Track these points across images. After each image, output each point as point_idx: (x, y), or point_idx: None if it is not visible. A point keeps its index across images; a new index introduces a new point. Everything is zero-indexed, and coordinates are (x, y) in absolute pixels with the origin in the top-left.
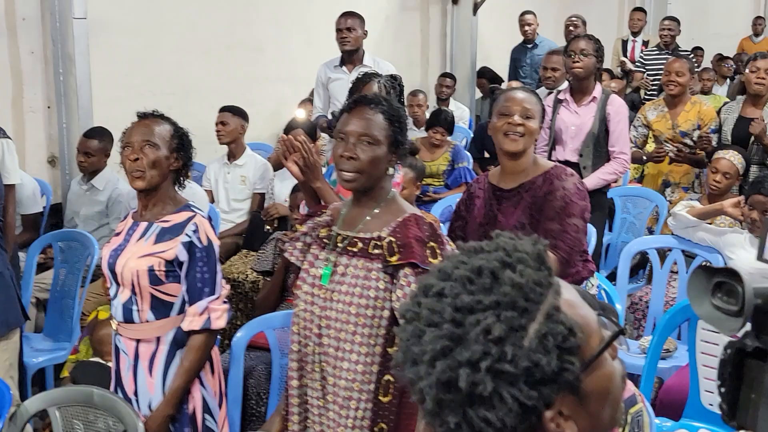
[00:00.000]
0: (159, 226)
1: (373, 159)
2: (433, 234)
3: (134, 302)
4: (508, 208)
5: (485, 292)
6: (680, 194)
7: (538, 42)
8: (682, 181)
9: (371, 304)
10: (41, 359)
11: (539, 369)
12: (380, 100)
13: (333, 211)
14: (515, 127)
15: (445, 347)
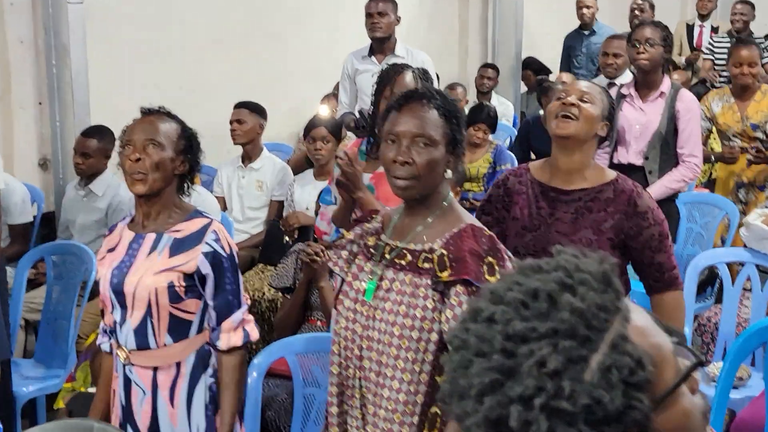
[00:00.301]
0: (171, 236)
1: (429, 162)
2: (492, 248)
3: (149, 325)
4: (564, 214)
5: (541, 319)
6: (756, 195)
7: (596, 29)
8: (758, 179)
9: (417, 325)
10: (32, 388)
11: (601, 407)
12: (433, 94)
13: (384, 217)
14: (568, 107)
15: (495, 381)
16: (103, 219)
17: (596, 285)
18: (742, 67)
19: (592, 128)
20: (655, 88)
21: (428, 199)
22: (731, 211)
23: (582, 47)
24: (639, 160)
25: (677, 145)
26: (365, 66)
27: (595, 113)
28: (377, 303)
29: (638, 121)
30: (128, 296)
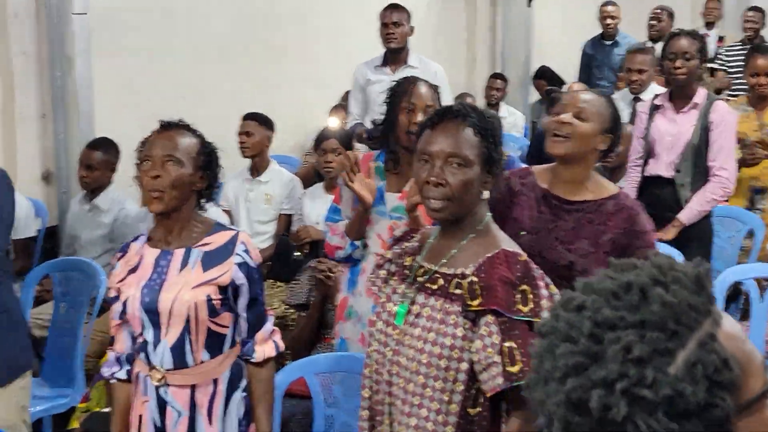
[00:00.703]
0: (200, 250)
1: (464, 183)
2: (527, 275)
3: (188, 342)
4: (564, 223)
5: (631, 310)
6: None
7: (619, 39)
8: None
9: (446, 354)
10: (39, 408)
11: (683, 400)
12: (468, 111)
13: (423, 236)
14: (561, 126)
15: (580, 364)
16: (109, 234)
17: (689, 285)
18: (759, 78)
19: (586, 146)
20: (690, 99)
21: (464, 220)
22: (756, 225)
23: (604, 57)
24: (670, 173)
25: (708, 158)
26: (378, 76)
27: (590, 130)
28: (407, 328)
29: (669, 133)
30: (163, 314)
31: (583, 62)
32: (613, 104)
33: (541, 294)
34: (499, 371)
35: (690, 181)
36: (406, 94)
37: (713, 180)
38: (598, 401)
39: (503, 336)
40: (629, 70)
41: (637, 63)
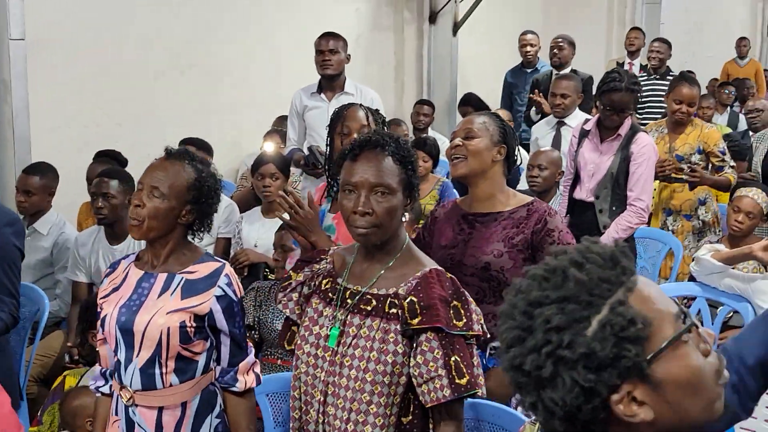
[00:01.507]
0: (183, 277)
1: (389, 210)
2: (456, 291)
3: (158, 365)
4: (480, 232)
5: (554, 289)
6: (682, 222)
7: (539, 67)
8: (684, 208)
9: (389, 371)
10: None
11: (595, 355)
12: (387, 141)
13: (335, 258)
14: (453, 149)
15: (518, 336)
16: (48, 258)
17: (602, 262)
18: (681, 105)
19: (483, 159)
20: (616, 129)
21: (388, 243)
22: (675, 246)
23: (525, 85)
24: (590, 198)
25: (627, 187)
26: (314, 103)
27: (482, 145)
28: (344, 350)
29: (593, 161)
30: (137, 335)
31: (505, 90)
32: (499, 119)
33: (471, 309)
34: (444, 384)
35: (608, 208)
36: (340, 119)
37: (630, 209)
38: (531, 364)
39: (446, 351)
40: (553, 95)
41: (562, 88)
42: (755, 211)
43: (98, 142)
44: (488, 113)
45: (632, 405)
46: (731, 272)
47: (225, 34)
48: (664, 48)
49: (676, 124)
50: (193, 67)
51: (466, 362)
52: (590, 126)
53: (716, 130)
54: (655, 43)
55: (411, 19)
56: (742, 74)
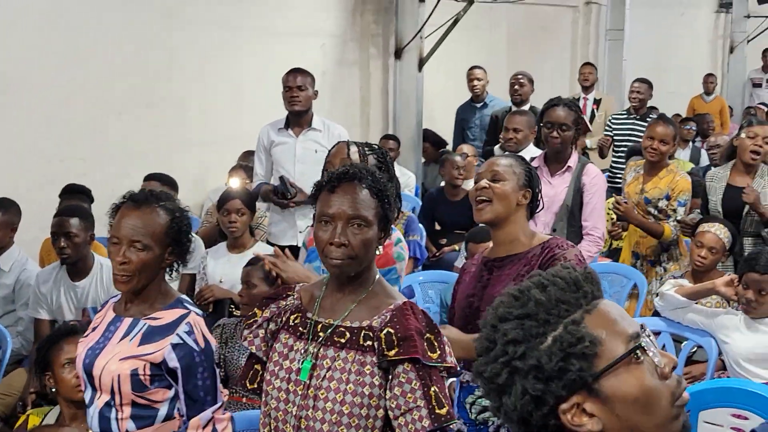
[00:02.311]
0: (146, 323)
1: (365, 243)
2: (429, 323)
3: (113, 410)
4: (499, 276)
5: (517, 307)
6: (647, 268)
7: (487, 101)
8: (648, 253)
9: (366, 403)
10: None
11: (542, 367)
12: (364, 174)
13: (303, 293)
14: (481, 191)
15: (485, 347)
16: (10, 295)
17: (564, 285)
18: (653, 141)
19: (509, 203)
20: (564, 163)
21: (360, 276)
22: (639, 281)
23: (476, 119)
24: (546, 232)
25: (582, 218)
26: (282, 138)
27: (508, 188)
28: (318, 383)
29: (546, 195)
30: (96, 379)
31: (457, 125)
32: (524, 161)
33: (443, 341)
34: (423, 414)
35: None
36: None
37: (587, 238)
38: (490, 372)
39: (424, 381)
40: (506, 129)
41: (515, 123)
42: (718, 246)
43: (62, 178)
44: (513, 156)
45: (582, 416)
46: (695, 307)
47: (189, 69)
48: (644, 88)
49: (651, 165)
50: (157, 103)
51: (443, 393)
52: (538, 162)
53: (686, 180)
54: (635, 83)
55: (377, 54)
56: (707, 110)
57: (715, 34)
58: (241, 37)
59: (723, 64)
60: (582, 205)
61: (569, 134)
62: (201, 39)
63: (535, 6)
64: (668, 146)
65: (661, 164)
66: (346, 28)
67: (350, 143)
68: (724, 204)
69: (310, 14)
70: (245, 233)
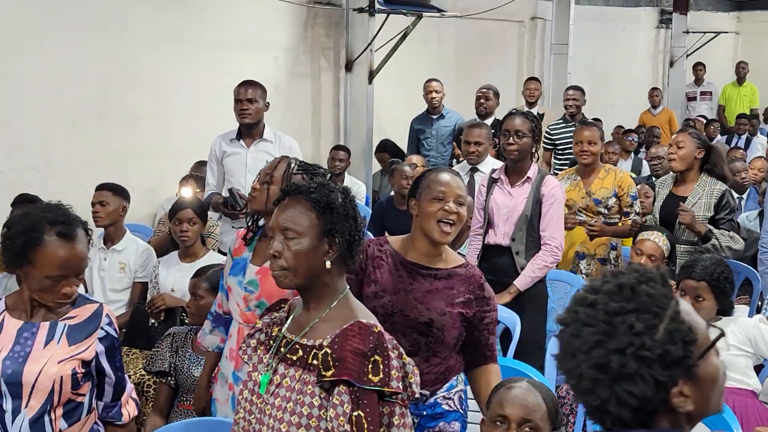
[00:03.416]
0: (65, 324)
1: (296, 254)
2: (379, 346)
3: (48, 413)
4: (421, 285)
5: (628, 301)
6: (596, 266)
7: (444, 113)
8: (598, 252)
9: (303, 423)
10: None
11: (669, 355)
12: (307, 188)
13: (290, 307)
14: (449, 215)
15: (599, 340)
16: None
17: (659, 280)
18: (582, 145)
19: (461, 225)
20: (524, 174)
21: (316, 290)
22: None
23: (432, 129)
24: (506, 242)
25: (540, 228)
26: (233, 149)
27: (465, 213)
28: (268, 397)
29: (506, 205)
30: (26, 386)
31: (412, 136)
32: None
33: (392, 364)
34: None
35: (524, 249)
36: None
37: (544, 248)
38: (616, 362)
39: (353, 405)
40: (467, 143)
41: (475, 136)
42: (657, 253)
43: (13, 187)
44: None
45: (681, 397)
46: None
47: (142, 79)
48: (579, 95)
49: (585, 167)
50: (109, 114)
51: (370, 418)
52: (498, 174)
53: (629, 176)
54: (569, 91)
55: (328, 67)
56: (655, 123)
57: (656, 48)
58: (194, 49)
59: (664, 78)
60: (540, 216)
61: (526, 141)
62: (154, 51)
63: (482, 21)
64: (597, 146)
65: (596, 165)
66: (298, 41)
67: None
68: (662, 211)
69: (263, 27)
70: (197, 242)
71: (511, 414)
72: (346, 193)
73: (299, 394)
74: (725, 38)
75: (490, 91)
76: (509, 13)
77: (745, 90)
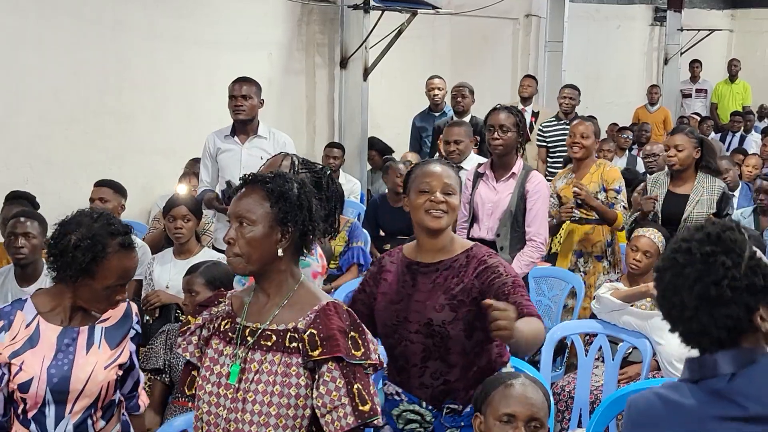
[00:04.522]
0: (101, 327)
1: (249, 241)
2: (353, 322)
3: (91, 416)
4: (424, 284)
5: (716, 245)
6: (594, 264)
7: (446, 110)
8: (594, 250)
9: (292, 403)
10: None
11: (754, 285)
12: (264, 178)
13: (233, 299)
14: (438, 204)
15: (699, 276)
16: None
17: (737, 229)
18: (575, 137)
19: (456, 215)
20: (509, 169)
21: (272, 277)
22: (577, 284)
23: (434, 127)
24: (491, 236)
25: (525, 223)
26: (227, 145)
27: (457, 202)
28: (246, 386)
29: (491, 200)
30: (73, 393)
31: (414, 133)
32: (456, 171)
33: (368, 338)
34: (347, 411)
35: (508, 244)
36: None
37: (530, 244)
38: (715, 292)
39: (348, 379)
40: (447, 142)
41: (454, 135)
42: (652, 250)
43: (7, 184)
44: (449, 163)
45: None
46: (630, 310)
47: (138, 77)
48: (574, 94)
49: (579, 163)
50: (106, 112)
51: (367, 390)
52: (484, 169)
53: (616, 169)
54: (565, 89)
55: (322, 64)
56: (651, 120)
57: (650, 46)
58: (189, 47)
59: (658, 75)
60: (525, 211)
61: (511, 136)
62: (150, 49)
63: (476, 18)
64: (591, 140)
65: (589, 161)
66: (292, 38)
67: (285, 156)
68: (663, 210)
69: (258, 25)
70: (191, 239)
71: (518, 412)
72: (302, 184)
73: (284, 376)
74: (719, 36)
75: (465, 89)
76: (504, 11)
77: (738, 87)
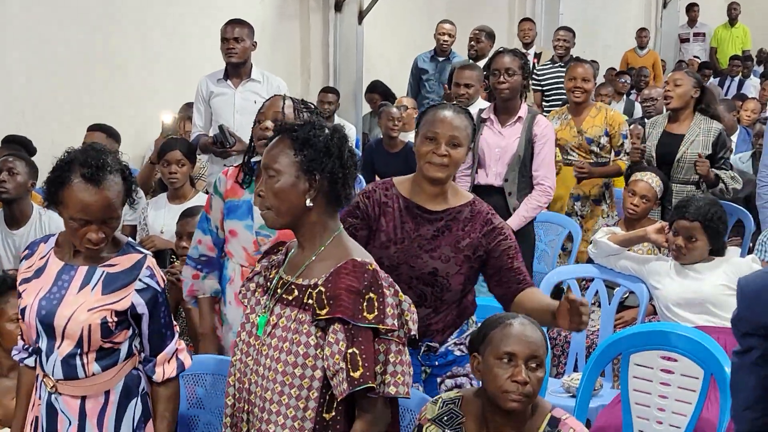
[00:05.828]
0: (103, 270)
1: (276, 193)
2: (374, 283)
3: (78, 356)
4: (426, 231)
5: None
6: (591, 207)
7: (452, 56)
8: (592, 192)
9: (300, 362)
10: None
11: None
12: (290, 127)
13: (287, 249)
14: (440, 158)
15: None
16: None
17: None
18: (576, 81)
19: (459, 166)
20: (514, 113)
21: (304, 230)
22: (574, 229)
23: (436, 71)
24: (498, 182)
25: (532, 168)
26: (220, 89)
27: (463, 154)
28: (266, 338)
29: (498, 145)
30: (58, 329)
31: (415, 75)
32: (471, 117)
33: (387, 302)
34: (344, 377)
35: (516, 190)
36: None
37: (537, 189)
38: None
39: (348, 343)
40: (457, 85)
41: (465, 78)
42: (650, 194)
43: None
44: (463, 110)
45: None
46: (627, 254)
47: (128, 23)
48: (569, 36)
49: (576, 105)
50: (97, 58)
51: (364, 355)
52: (487, 114)
53: (619, 113)
54: (560, 31)
55: (317, 7)
56: (641, 63)
57: None
58: None
59: (657, 19)
60: (533, 156)
61: (516, 79)
62: None
63: None
64: (590, 83)
65: (587, 104)
66: None
67: (285, 98)
68: (657, 150)
69: None
70: (186, 184)
71: (518, 351)
72: (334, 130)
73: (295, 333)
74: None
75: (482, 33)
76: None
77: (737, 31)
